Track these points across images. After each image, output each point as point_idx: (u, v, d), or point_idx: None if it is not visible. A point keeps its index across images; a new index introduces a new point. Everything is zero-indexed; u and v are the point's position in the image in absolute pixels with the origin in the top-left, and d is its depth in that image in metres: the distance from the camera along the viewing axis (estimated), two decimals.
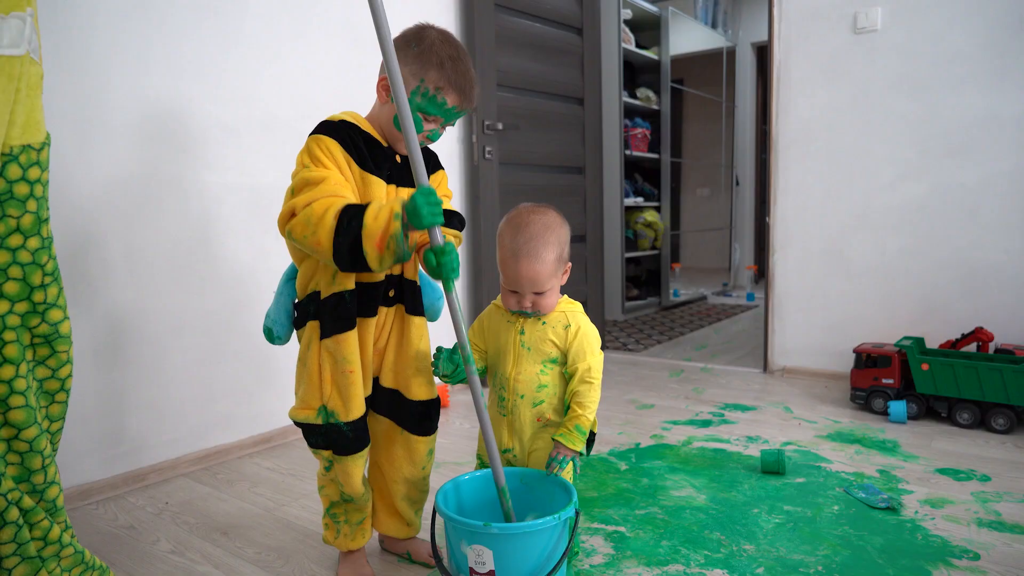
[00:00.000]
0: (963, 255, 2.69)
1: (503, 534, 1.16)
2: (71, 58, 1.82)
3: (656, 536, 1.62)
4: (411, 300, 1.42)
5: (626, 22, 4.86)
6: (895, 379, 2.48)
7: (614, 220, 4.70)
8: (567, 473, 1.44)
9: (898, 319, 2.82)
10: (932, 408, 2.43)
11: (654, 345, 3.92)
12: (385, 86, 1.31)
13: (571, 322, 1.38)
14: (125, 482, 1.98)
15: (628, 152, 4.85)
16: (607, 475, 2.01)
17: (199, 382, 2.15)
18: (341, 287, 1.29)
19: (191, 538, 1.69)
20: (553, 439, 1.36)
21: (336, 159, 1.25)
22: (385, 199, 1.30)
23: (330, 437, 1.34)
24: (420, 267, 1.46)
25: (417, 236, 1.32)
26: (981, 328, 2.53)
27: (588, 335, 1.39)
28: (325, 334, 1.31)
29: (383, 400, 1.43)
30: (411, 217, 1.13)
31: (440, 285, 1.48)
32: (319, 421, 1.33)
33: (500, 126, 2.98)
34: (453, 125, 1.37)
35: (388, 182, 1.32)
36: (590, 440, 1.45)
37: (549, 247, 1.32)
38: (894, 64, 2.77)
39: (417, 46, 1.28)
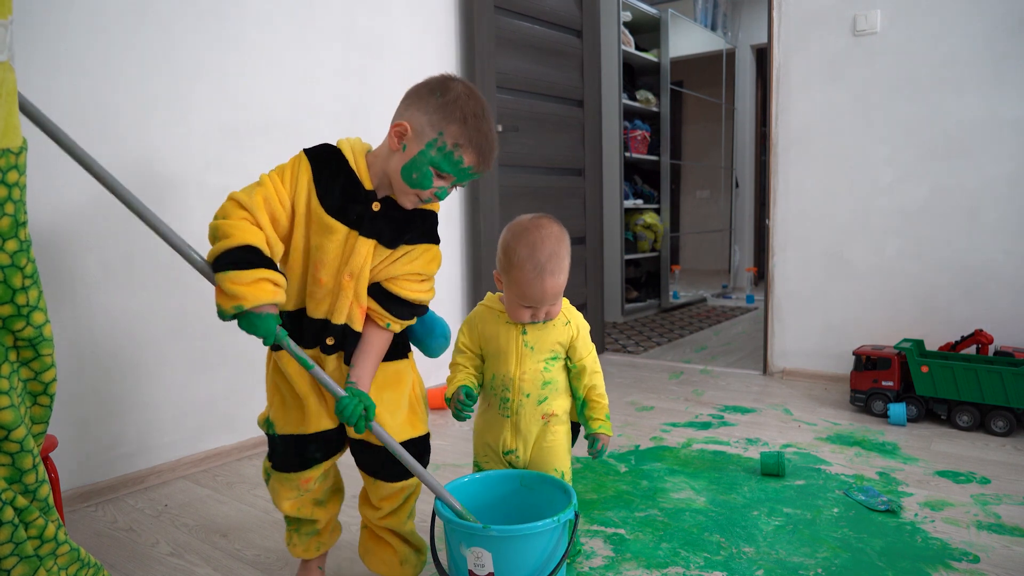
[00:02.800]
0: (963, 257, 2.69)
1: (502, 536, 1.16)
2: (72, 60, 1.83)
3: (656, 538, 1.62)
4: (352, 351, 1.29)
5: (626, 24, 4.87)
6: (895, 381, 2.48)
7: (614, 222, 4.70)
8: (568, 476, 1.45)
9: (898, 321, 2.82)
10: (932, 410, 2.43)
11: (653, 347, 3.92)
12: (399, 133, 1.19)
13: (568, 318, 1.42)
14: (124, 484, 1.98)
15: (628, 154, 4.86)
16: (607, 477, 2.00)
17: (198, 384, 2.15)
18: (283, 306, 1.22)
19: (190, 540, 1.69)
20: (594, 432, 1.41)
21: (299, 179, 1.19)
22: (334, 244, 1.20)
23: (271, 446, 1.35)
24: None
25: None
26: (981, 330, 2.52)
27: (584, 327, 1.44)
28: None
29: (355, 449, 1.35)
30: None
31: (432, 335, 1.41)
32: (264, 428, 1.35)
33: (500, 128, 2.98)
34: (464, 186, 1.27)
35: (353, 227, 1.21)
36: (576, 428, 1.52)
37: (565, 259, 1.34)
38: (893, 66, 2.77)
39: (442, 96, 1.18)
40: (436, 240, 1.31)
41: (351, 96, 2.54)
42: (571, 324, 1.41)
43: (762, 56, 6.43)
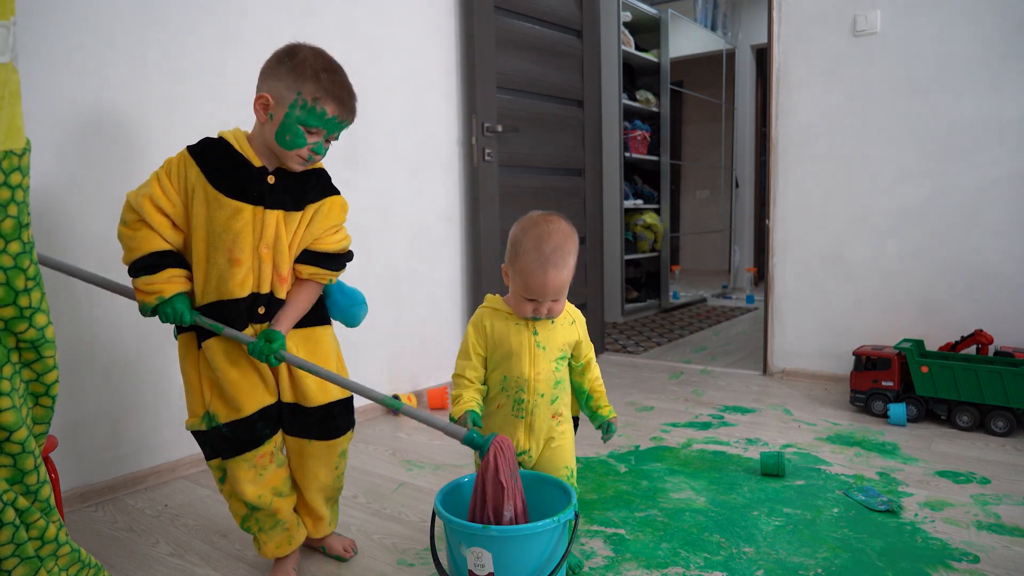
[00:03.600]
0: (963, 258, 2.69)
1: (502, 536, 1.16)
2: (70, 60, 1.83)
3: (656, 538, 1.62)
4: None
5: (626, 24, 4.87)
6: (895, 381, 2.48)
7: (614, 222, 4.70)
8: (575, 473, 1.48)
9: (898, 321, 2.82)
10: (932, 410, 2.43)
11: (653, 347, 3.92)
12: (263, 104, 1.31)
13: (573, 317, 1.46)
14: (124, 484, 1.98)
15: (628, 154, 4.86)
16: (607, 477, 2.01)
17: None
18: (199, 301, 1.35)
19: (190, 540, 1.69)
20: (607, 418, 1.46)
21: (187, 174, 1.31)
22: (240, 223, 1.31)
23: (215, 442, 1.38)
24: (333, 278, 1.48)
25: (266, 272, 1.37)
26: (981, 330, 2.53)
27: (583, 322, 1.48)
28: (200, 340, 1.37)
29: (288, 418, 1.43)
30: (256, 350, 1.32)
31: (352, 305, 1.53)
32: (204, 427, 1.39)
33: (500, 128, 2.98)
34: (337, 139, 1.37)
35: (256, 203, 1.32)
36: (576, 422, 1.55)
37: (570, 255, 1.36)
38: (893, 67, 2.78)
39: (290, 61, 1.30)
40: (337, 191, 1.44)
41: None
42: (576, 323, 1.45)
43: (762, 56, 6.43)
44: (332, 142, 1.37)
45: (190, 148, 1.34)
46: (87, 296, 1.89)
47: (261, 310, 1.37)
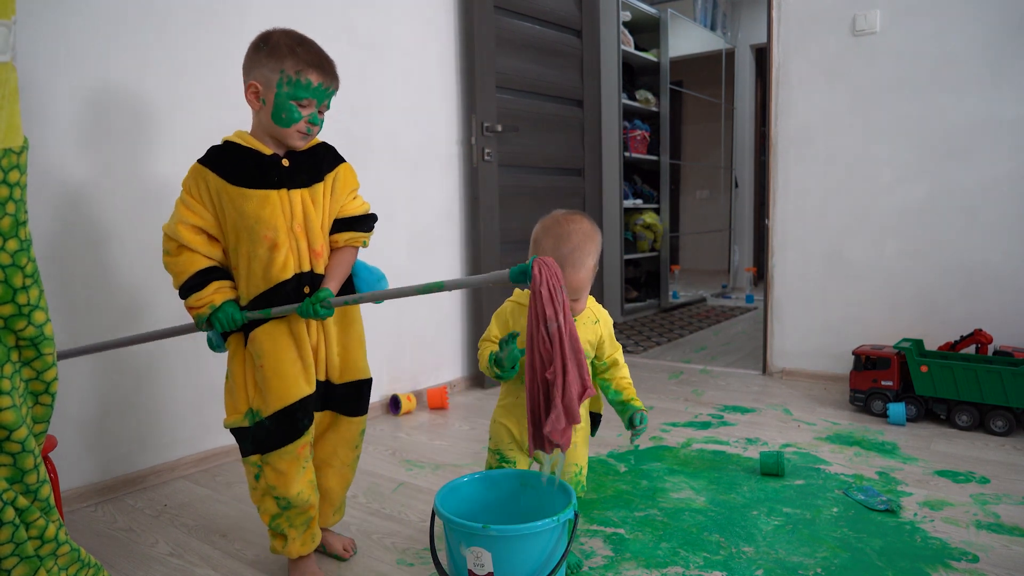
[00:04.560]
0: (962, 257, 2.69)
1: (502, 536, 1.16)
2: (72, 60, 1.83)
3: (655, 538, 1.62)
4: None
5: (625, 24, 4.87)
6: (894, 381, 2.48)
7: (613, 222, 4.70)
8: (585, 471, 1.48)
9: (897, 321, 2.83)
10: (931, 410, 2.43)
11: (653, 347, 3.92)
12: (254, 92, 1.38)
13: (597, 316, 1.47)
14: (123, 484, 1.98)
15: (627, 154, 4.86)
16: (606, 477, 2.01)
17: (198, 384, 2.15)
18: (247, 297, 1.40)
19: (190, 540, 1.69)
20: (640, 410, 1.46)
21: (207, 184, 1.37)
22: (269, 209, 1.36)
23: (257, 437, 1.41)
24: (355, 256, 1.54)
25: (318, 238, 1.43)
26: (980, 330, 2.53)
27: (610, 322, 1.49)
28: (246, 339, 1.42)
29: (323, 399, 1.49)
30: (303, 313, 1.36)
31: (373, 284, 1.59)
32: (247, 423, 1.41)
33: (499, 128, 2.98)
34: (328, 108, 1.43)
35: (279, 187, 1.38)
36: (596, 421, 1.55)
37: (590, 255, 1.37)
38: (893, 66, 2.78)
39: (266, 46, 1.37)
40: (344, 159, 1.51)
41: (351, 96, 2.53)
42: (600, 322, 1.45)
43: (761, 56, 6.43)
44: (325, 113, 1.42)
45: (200, 160, 1.40)
46: (85, 295, 1.89)
47: (306, 290, 1.41)
